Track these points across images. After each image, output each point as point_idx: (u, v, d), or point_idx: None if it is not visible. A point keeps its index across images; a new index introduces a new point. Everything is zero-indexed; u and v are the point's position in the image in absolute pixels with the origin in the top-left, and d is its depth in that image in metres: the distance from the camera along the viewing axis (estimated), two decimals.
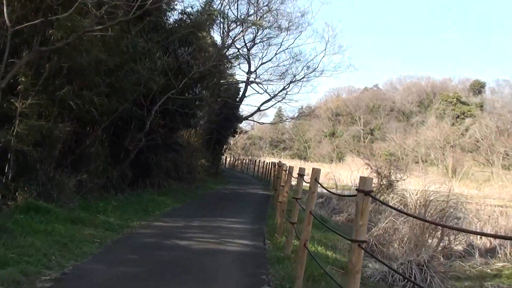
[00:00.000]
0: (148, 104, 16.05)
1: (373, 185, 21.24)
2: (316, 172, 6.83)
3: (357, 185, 14.04)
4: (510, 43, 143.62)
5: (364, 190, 4.60)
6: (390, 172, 25.20)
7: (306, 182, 9.14)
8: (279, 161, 25.64)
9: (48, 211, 10.34)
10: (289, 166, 12.05)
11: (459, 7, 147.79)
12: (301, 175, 8.95)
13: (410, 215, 11.12)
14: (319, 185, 6.96)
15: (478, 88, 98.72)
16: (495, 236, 14.53)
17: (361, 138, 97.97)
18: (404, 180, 25.36)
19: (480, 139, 76.34)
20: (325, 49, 38.73)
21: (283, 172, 14.48)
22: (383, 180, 25.09)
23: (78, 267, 7.20)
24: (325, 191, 28.96)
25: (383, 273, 9.99)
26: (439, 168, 72.05)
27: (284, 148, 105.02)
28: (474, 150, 78.58)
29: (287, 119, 53.00)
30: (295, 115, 48.07)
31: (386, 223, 13.53)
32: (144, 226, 11.55)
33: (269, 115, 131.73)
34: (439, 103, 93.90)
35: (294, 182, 13.28)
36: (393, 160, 26.98)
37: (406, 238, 13.38)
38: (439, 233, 12.74)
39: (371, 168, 26.39)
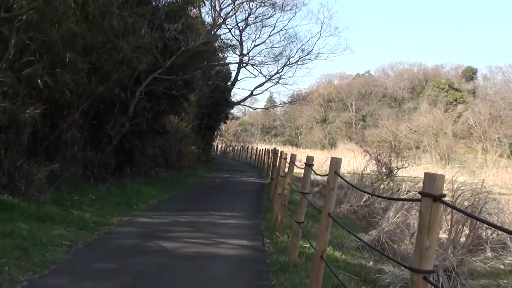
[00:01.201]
0: (132, 85, 14.51)
1: (372, 173, 19.98)
2: (335, 164, 5.36)
3: (354, 171, 12.61)
4: (503, 30, 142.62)
5: (432, 194, 3.06)
6: (390, 159, 23.88)
7: (317, 174, 7.74)
8: (274, 148, 24.15)
9: (11, 206, 8.87)
10: (292, 154, 10.49)
11: None
12: (309, 165, 7.47)
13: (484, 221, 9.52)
14: (340, 179, 5.47)
15: (470, 74, 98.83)
16: None
17: (353, 124, 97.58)
18: (405, 167, 24.11)
19: (473, 125, 75.59)
20: (321, 30, 37.33)
21: (283, 160, 13.00)
22: (383, 168, 23.79)
23: (35, 282, 5.71)
24: (320, 177, 27.60)
25: (405, 280, 8.48)
26: (432, 154, 71.14)
27: (276, 134, 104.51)
28: (466, 137, 78.01)
29: (280, 103, 51.47)
30: (288, 100, 46.61)
31: (398, 217, 12.10)
32: (125, 223, 10.04)
33: (260, 101, 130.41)
34: (432, 90, 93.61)
35: (296, 170, 12.01)
36: (393, 147, 25.41)
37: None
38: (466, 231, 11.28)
39: (370, 155, 25.08)
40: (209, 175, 25.48)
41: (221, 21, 25.47)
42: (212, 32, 19.85)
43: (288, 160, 11.92)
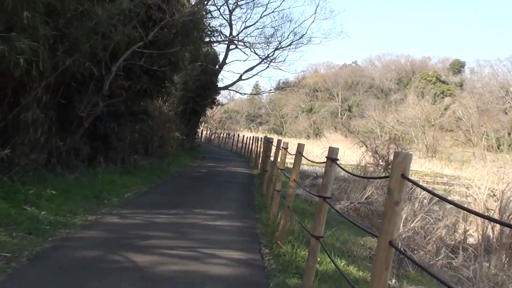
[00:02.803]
0: (107, 59, 12.47)
1: (368, 165, 18.08)
2: (403, 162, 3.38)
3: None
4: (492, 24, 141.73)
5: None
6: (388, 151, 22.19)
7: (362, 177, 5.87)
8: (266, 136, 22.31)
9: None
10: (299, 144, 8.44)
11: None
12: (333, 159, 5.55)
13: None
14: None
15: (457, 67, 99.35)
16: None
17: (339, 114, 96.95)
18: None
19: (462, 117, 74.89)
20: (315, 12, 35.64)
21: (282, 150, 11.01)
22: (380, 161, 22.09)
23: None
24: (311, 167, 25.74)
25: None
26: (418, 146, 70.26)
27: (260, 122, 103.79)
28: (453, 130, 77.36)
29: (270, 89, 49.40)
30: (275, 87, 44.56)
31: (417, 221, 10.28)
32: (90, 224, 8.08)
33: (247, 86, 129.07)
34: (419, 81, 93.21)
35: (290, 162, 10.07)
36: (393, 138, 23.77)
37: (434, 240, 10.34)
38: None
39: (366, 147, 23.38)
40: (193, 164, 23.55)
41: None
42: (200, 6, 17.77)
43: (290, 151, 10.07)
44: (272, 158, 14.34)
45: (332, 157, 5.49)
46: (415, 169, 33.78)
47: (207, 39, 24.00)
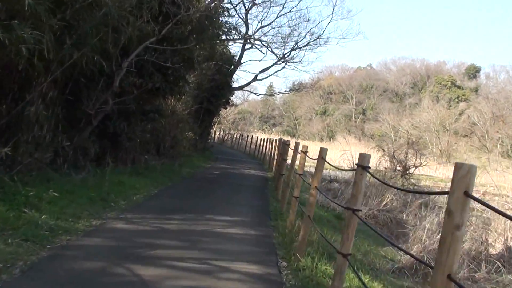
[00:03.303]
0: (118, 55, 11.89)
1: (385, 170, 17.35)
2: (466, 177, 2.63)
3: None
4: (508, 29, 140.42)
5: None
6: (406, 156, 21.52)
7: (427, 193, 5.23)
8: (281, 138, 21.72)
9: None
10: (322, 148, 7.70)
11: None
12: (364, 167, 4.90)
13: None
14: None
15: (473, 72, 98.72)
16: None
17: (353, 117, 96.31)
18: (423, 166, 21.83)
19: (476, 123, 74.09)
20: (332, 13, 34.99)
21: (302, 155, 10.31)
22: (397, 166, 21.47)
23: None
24: (330, 170, 25.10)
25: None
26: (432, 151, 69.50)
27: (274, 124, 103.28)
28: (468, 135, 76.68)
29: (285, 90, 48.74)
30: (291, 88, 43.87)
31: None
32: (93, 230, 7.48)
33: (262, 86, 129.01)
34: (434, 86, 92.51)
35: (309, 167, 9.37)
36: (411, 142, 22.96)
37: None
38: None
39: (383, 151, 22.74)
40: (206, 165, 22.96)
41: None
42: (216, 2, 17.14)
43: (308, 155, 9.43)
44: (288, 162, 13.73)
45: (363, 165, 4.84)
46: (429, 175, 33.32)
47: (223, 37, 23.48)
